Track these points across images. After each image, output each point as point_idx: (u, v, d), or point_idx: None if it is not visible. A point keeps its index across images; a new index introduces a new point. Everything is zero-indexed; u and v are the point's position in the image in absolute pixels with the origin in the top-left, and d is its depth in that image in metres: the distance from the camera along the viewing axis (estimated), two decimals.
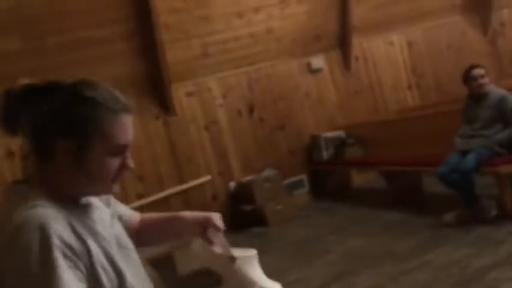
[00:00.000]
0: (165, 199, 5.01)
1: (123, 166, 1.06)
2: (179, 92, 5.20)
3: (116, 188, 1.08)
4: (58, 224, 0.92)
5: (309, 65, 5.76)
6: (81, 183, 1.03)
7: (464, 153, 3.40)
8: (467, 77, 3.51)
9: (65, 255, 0.90)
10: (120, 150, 1.04)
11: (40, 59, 4.38)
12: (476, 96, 3.49)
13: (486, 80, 3.45)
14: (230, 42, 5.25)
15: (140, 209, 4.84)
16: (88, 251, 0.96)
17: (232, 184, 5.31)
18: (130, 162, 1.08)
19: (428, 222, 3.61)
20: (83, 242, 0.95)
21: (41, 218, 0.91)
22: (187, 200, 5.13)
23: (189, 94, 5.26)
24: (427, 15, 6.23)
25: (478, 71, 3.45)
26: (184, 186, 5.09)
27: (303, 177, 5.63)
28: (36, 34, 4.30)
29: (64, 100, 0.99)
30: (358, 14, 5.72)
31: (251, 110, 5.50)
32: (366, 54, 6.09)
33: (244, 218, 5.10)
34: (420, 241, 3.29)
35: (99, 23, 4.52)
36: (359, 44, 6.00)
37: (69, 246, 0.92)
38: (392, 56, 6.21)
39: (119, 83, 5.03)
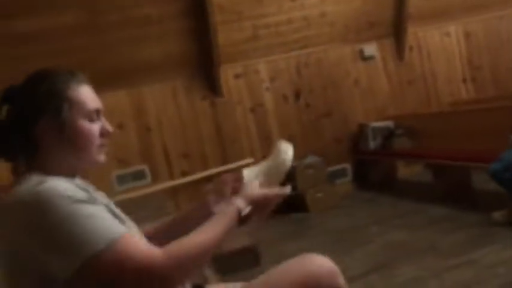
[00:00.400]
0: (208, 178, 5.08)
1: (103, 131, 1.15)
2: (227, 74, 5.22)
3: (102, 157, 1.17)
4: (68, 184, 1.01)
5: (361, 52, 5.63)
6: (70, 158, 1.12)
7: None
8: None
9: (85, 201, 0.99)
10: (93, 115, 1.13)
11: (93, 36, 4.49)
12: None
13: None
14: (282, 25, 5.20)
15: (184, 186, 4.96)
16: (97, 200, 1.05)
17: None
18: (108, 126, 1.17)
19: (476, 220, 3.48)
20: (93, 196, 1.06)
21: (53, 183, 0.99)
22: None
23: (237, 76, 5.27)
24: (487, 5, 5.94)
25: None
26: (228, 166, 5.14)
27: (347, 166, 5.56)
28: (90, 11, 4.41)
29: (26, 91, 1.10)
30: (414, 1, 5.52)
31: (298, 95, 5.46)
32: (421, 44, 5.89)
33: (285, 202, 5.08)
34: (467, 238, 3.19)
35: (154, 2, 4.58)
36: (414, 33, 5.81)
37: (85, 196, 1.00)
38: (448, 46, 5.98)
39: (169, 61, 5.16)
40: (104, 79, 4.69)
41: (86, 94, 1.14)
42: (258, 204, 1.23)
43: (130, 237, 1.00)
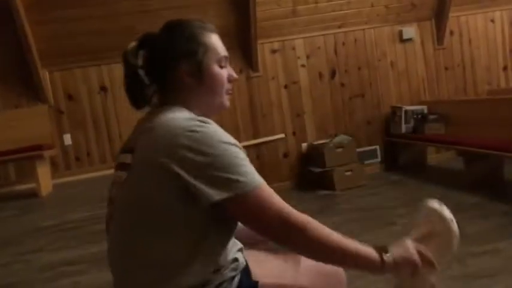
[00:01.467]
0: None
1: (230, 77, 1.24)
2: (264, 48, 5.24)
3: (228, 102, 1.26)
4: (229, 135, 1.09)
5: (400, 33, 5.55)
6: (206, 100, 1.21)
7: None
8: None
9: (240, 148, 1.08)
10: (224, 61, 1.23)
11: (136, 2, 4.57)
12: None
13: None
14: (322, 1, 5.16)
15: None
16: None
17: (304, 145, 5.37)
18: (234, 73, 1.27)
19: (505, 210, 3.48)
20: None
21: (219, 129, 1.08)
22: (260, 153, 5.27)
23: (273, 51, 5.29)
24: None
25: None
26: (258, 140, 5.22)
27: (377, 147, 5.56)
28: None
29: (165, 37, 1.20)
30: None
31: (333, 74, 5.45)
32: (462, 29, 5.76)
33: (312, 179, 5.17)
34: (494, 227, 3.19)
35: None
36: (456, 17, 5.68)
37: (239, 144, 1.09)
38: (491, 33, 5.83)
39: None
40: None
41: (217, 42, 1.23)
42: (405, 262, 1.13)
43: (268, 188, 1.07)
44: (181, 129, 1.03)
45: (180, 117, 1.08)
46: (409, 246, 1.15)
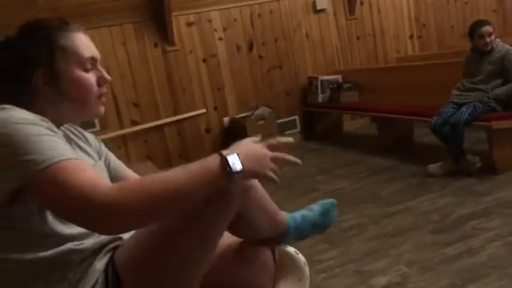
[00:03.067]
0: (160, 127, 5.06)
1: (100, 80, 1.11)
2: (180, 21, 5.10)
3: (102, 108, 1.14)
4: (29, 116, 0.98)
5: (314, 4, 5.64)
6: (69, 111, 1.10)
7: (460, 106, 3.45)
8: (474, 33, 3.48)
9: (42, 125, 0.97)
10: (89, 63, 1.09)
11: None
12: (480, 51, 3.49)
13: (493, 37, 3.44)
14: None
15: (135, 135, 4.92)
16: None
17: (226, 119, 5.36)
18: (106, 75, 1.13)
19: (415, 171, 3.72)
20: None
21: (16, 112, 0.96)
22: (181, 130, 5.17)
23: (189, 24, 5.16)
24: None
25: (486, 29, 3.41)
26: (179, 116, 5.13)
27: (296, 118, 5.69)
28: None
29: (19, 42, 1.06)
30: None
31: (251, 46, 5.44)
32: (371, 0, 5.97)
33: None
34: (405, 188, 3.41)
35: None
36: None
37: (44, 124, 0.98)
38: (397, 3, 6.10)
39: (119, 4, 4.96)
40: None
41: (79, 42, 1.10)
42: (253, 158, 1.04)
43: (80, 163, 0.94)
44: None
45: None
46: (250, 141, 1.05)
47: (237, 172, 0.98)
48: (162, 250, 1.05)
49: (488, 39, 3.41)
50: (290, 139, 1.18)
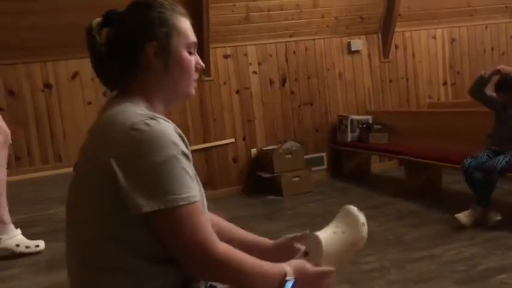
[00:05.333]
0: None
1: (197, 65, 1.17)
2: (217, 53, 5.25)
3: (194, 91, 1.19)
4: (174, 131, 1.02)
5: (348, 45, 5.73)
6: (169, 87, 1.13)
7: (496, 153, 3.41)
8: (504, 87, 3.46)
9: (186, 154, 1.01)
10: (193, 47, 1.16)
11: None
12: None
13: None
14: (274, 10, 5.24)
15: None
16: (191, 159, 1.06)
17: (254, 150, 5.41)
18: (201, 62, 1.19)
19: (442, 218, 3.66)
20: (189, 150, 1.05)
21: (165, 125, 1.01)
22: (209, 158, 5.25)
23: (225, 56, 5.31)
24: (475, 13, 6.11)
25: None
26: (208, 144, 5.21)
27: (324, 154, 5.70)
28: None
29: (134, 15, 1.11)
30: (405, 2, 5.64)
31: (283, 82, 5.54)
32: (406, 44, 6.03)
33: (261, 184, 5.21)
34: (431, 234, 3.36)
35: None
36: (401, 32, 5.94)
37: (185, 152, 1.01)
38: (433, 49, 6.14)
39: None
40: None
41: (189, 27, 1.15)
42: (305, 281, 1.11)
43: (200, 206, 1.01)
44: (126, 126, 0.98)
45: (129, 111, 1.02)
46: (307, 270, 1.12)
47: None
48: None
49: None
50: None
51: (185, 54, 1.13)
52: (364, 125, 5.44)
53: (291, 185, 5.01)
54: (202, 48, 5.05)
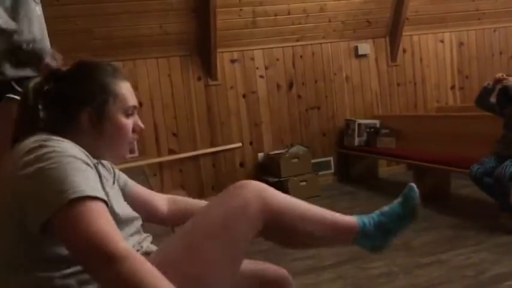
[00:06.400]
0: (195, 158, 5.15)
1: (136, 127, 1.19)
2: (223, 57, 5.26)
3: (128, 153, 1.21)
4: (75, 149, 1.02)
5: (356, 49, 5.73)
6: (101, 149, 1.15)
7: (503, 158, 3.37)
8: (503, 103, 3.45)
9: (80, 159, 1.00)
10: (131, 111, 1.18)
11: (94, 4, 4.49)
12: None
13: None
14: (281, 14, 5.25)
15: (171, 164, 5.02)
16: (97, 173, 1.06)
17: (261, 155, 5.41)
18: (141, 123, 1.21)
19: (450, 222, 3.63)
20: (94, 166, 1.05)
21: (59, 142, 1.01)
22: (216, 162, 5.26)
23: (232, 61, 5.32)
24: (483, 17, 6.08)
25: None
26: (215, 148, 5.22)
27: (331, 159, 5.68)
28: None
29: (76, 77, 1.14)
30: (413, 6, 5.62)
31: (290, 86, 5.54)
32: (414, 48, 6.01)
33: None
34: (439, 239, 3.33)
35: None
36: (409, 36, 5.92)
37: (85, 161, 1.01)
38: (441, 53, 6.11)
39: (168, 38, 5.17)
40: (100, 48, 4.70)
41: (128, 91, 1.18)
42: None
43: (104, 207, 0.95)
44: (33, 143, 0.99)
45: (29, 140, 1.02)
46: None
47: None
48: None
49: None
50: None
51: (121, 119, 1.15)
52: (372, 129, 5.42)
53: (298, 189, 5.00)
54: (209, 53, 5.07)
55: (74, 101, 1.12)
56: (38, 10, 2.23)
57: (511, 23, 6.28)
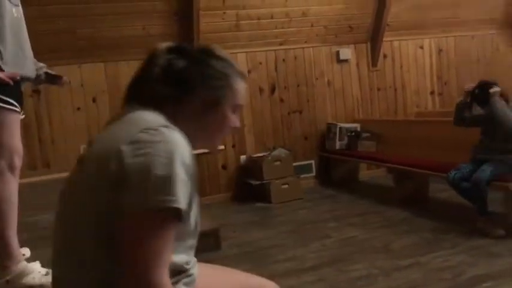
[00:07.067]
0: None
1: (234, 124, 1.19)
2: None
3: (218, 148, 1.21)
4: (188, 152, 1.00)
5: (337, 54, 5.79)
6: (198, 137, 1.12)
7: (480, 163, 3.44)
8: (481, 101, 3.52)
9: (190, 167, 1.00)
10: (238, 109, 1.19)
11: (76, 5, 4.46)
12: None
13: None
14: (264, 18, 5.28)
15: None
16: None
17: (243, 157, 5.43)
18: (238, 123, 1.21)
19: (429, 225, 3.70)
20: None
21: (182, 138, 1.00)
22: (198, 164, 5.19)
23: None
24: (462, 24, 6.21)
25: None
26: (198, 151, 5.19)
27: (312, 162, 5.73)
28: None
29: (205, 58, 1.13)
30: (393, 12, 5.71)
31: (273, 89, 5.57)
32: (394, 54, 6.10)
33: (250, 192, 5.22)
34: (418, 242, 3.39)
35: None
36: (389, 42, 6.01)
37: (191, 167, 1.01)
38: (420, 59, 6.22)
39: (150, 40, 5.14)
40: (83, 50, 4.66)
41: (243, 89, 1.18)
42: None
43: (172, 227, 0.94)
44: (142, 125, 0.97)
45: (149, 116, 1.02)
46: None
47: None
48: None
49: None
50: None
51: (228, 112, 1.15)
52: (353, 133, 5.49)
53: (280, 192, 5.02)
54: None
55: (193, 80, 1.09)
56: (14, 12, 1.98)
57: (488, 31, 6.42)
